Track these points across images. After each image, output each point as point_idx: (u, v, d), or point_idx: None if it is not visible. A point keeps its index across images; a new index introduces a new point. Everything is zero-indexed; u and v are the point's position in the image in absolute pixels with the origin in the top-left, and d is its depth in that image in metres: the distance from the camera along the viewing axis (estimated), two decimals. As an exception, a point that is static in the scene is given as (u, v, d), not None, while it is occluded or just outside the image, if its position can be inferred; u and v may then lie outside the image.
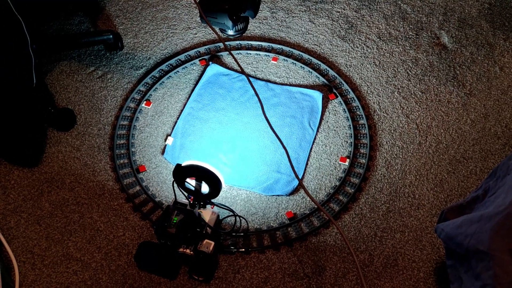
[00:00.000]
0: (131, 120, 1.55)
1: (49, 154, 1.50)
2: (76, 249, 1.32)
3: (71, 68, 1.70)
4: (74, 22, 1.82)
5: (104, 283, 1.26)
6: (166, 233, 1.19)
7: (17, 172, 1.46)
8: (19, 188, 1.43)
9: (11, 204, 1.40)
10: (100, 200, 1.40)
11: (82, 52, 1.73)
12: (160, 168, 1.46)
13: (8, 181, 1.44)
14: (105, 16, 1.84)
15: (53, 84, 1.64)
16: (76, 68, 1.69)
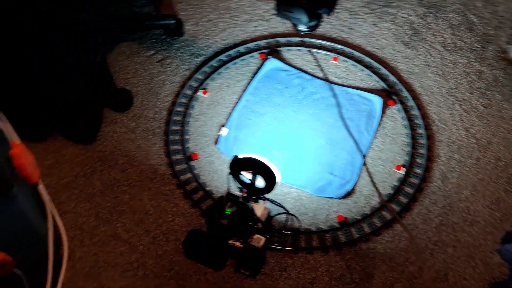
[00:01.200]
0: (187, 107, 1.55)
1: (104, 133, 1.51)
2: (124, 230, 1.33)
3: (131, 49, 1.70)
4: (137, 4, 1.82)
5: (150, 267, 1.26)
6: (218, 224, 1.19)
7: (71, 148, 1.47)
8: (73, 164, 1.44)
9: (63, 179, 1.42)
10: (151, 184, 1.40)
11: (143, 35, 1.74)
12: (212, 158, 1.46)
13: (62, 156, 1.46)
14: (168, 1, 1.84)
15: (112, 64, 1.65)
16: (137, 50, 1.70)
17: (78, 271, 1.26)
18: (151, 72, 1.65)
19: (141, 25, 1.67)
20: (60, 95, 1.42)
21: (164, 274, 1.25)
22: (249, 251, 1.19)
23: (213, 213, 1.19)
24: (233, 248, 1.20)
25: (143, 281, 1.24)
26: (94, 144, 1.48)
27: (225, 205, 1.21)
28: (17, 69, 1.26)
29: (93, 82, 1.49)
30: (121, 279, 1.25)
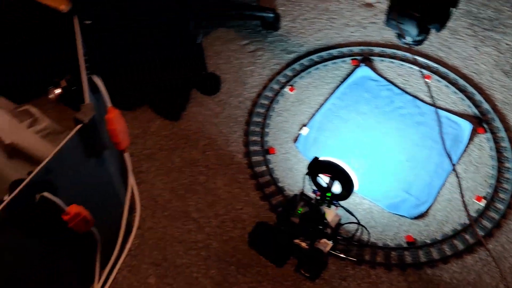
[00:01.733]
0: (272, 101, 1.57)
1: (190, 113, 1.55)
2: (195, 210, 1.36)
3: (227, 36, 1.74)
4: (237, -7, 1.86)
5: (214, 250, 1.29)
6: (289, 221, 1.20)
7: (159, 121, 1.53)
8: (158, 137, 1.50)
9: (147, 149, 1.47)
10: (227, 170, 1.43)
11: (241, 24, 1.77)
12: (289, 155, 1.47)
13: (149, 128, 1.52)
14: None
15: (207, 48, 1.69)
16: (232, 38, 1.74)
17: (146, 240, 1.31)
18: (242, 61, 1.68)
19: (240, 13, 1.70)
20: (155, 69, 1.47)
21: (227, 259, 1.28)
22: (314, 254, 1.19)
23: (286, 210, 1.20)
24: (298, 248, 1.21)
25: (205, 262, 1.27)
26: (180, 122, 1.53)
27: (298, 204, 1.21)
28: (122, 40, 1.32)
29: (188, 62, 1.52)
30: (185, 255, 1.28)
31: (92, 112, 0.95)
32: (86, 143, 0.98)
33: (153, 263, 1.28)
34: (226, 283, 1.25)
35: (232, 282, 1.25)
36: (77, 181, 1.00)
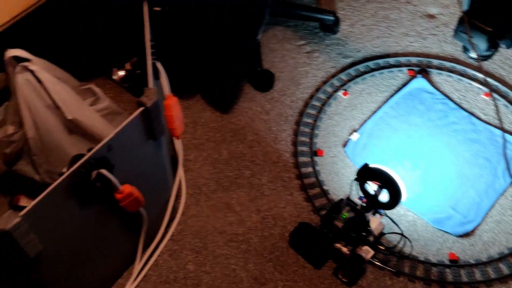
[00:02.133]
0: (324, 104, 1.56)
1: (240, 107, 1.57)
2: (238, 203, 1.38)
3: (284, 35, 1.75)
4: (299, -7, 1.87)
5: (253, 244, 1.30)
6: (332, 224, 1.19)
7: (209, 113, 1.55)
8: (207, 128, 1.52)
9: (196, 139, 1.50)
10: (273, 167, 1.44)
11: (299, 24, 1.77)
12: (336, 159, 1.46)
13: (199, 118, 1.54)
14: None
15: (263, 45, 1.71)
16: (289, 37, 1.74)
17: (188, 227, 1.33)
18: (297, 61, 1.68)
19: (300, 13, 1.70)
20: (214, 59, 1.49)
21: (265, 255, 1.29)
22: (354, 260, 1.19)
23: (330, 213, 1.20)
24: (339, 252, 1.21)
25: (244, 255, 1.28)
26: (230, 115, 1.55)
27: (343, 209, 1.21)
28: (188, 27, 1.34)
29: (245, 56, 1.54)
30: (224, 246, 1.30)
31: (155, 97, 0.97)
32: (146, 126, 1.00)
33: (193, 250, 1.30)
34: (263, 279, 1.25)
35: (268, 278, 1.26)
36: (133, 162, 1.03)
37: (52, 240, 0.92)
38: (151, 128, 1.02)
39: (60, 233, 0.94)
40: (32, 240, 0.87)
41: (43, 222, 0.88)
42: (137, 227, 1.17)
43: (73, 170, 0.89)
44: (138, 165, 1.06)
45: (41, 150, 1.15)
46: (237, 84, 1.60)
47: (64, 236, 0.96)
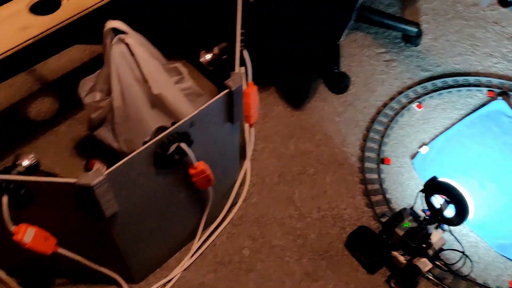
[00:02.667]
0: (397, 114, 1.56)
1: (312, 106, 1.59)
2: (300, 198, 1.39)
3: (364, 41, 1.75)
4: (384, 2, 1.86)
5: (310, 240, 1.32)
6: (392, 231, 1.19)
7: (281, 107, 1.58)
8: (277, 121, 1.55)
9: (264, 131, 1.53)
10: (337, 168, 1.45)
11: (380, 32, 1.77)
12: (403, 170, 1.45)
13: (270, 111, 1.57)
14: (415, 9, 1.85)
15: (342, 48, 1.72)
16: (369, 43, 1.75)
17: (248, 214, 1.36)
18: (374, 68, 1.68)
19: (384, 21, 1.70)
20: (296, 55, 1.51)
21: (320, 252, 1.30)
22: (410, 270, 1.18)
23: (393, 220, 1.20)
24: (395, 260, 1.20)
25: (299, 249, 1.30)
26: (301, 112, 1.57)
27: (406, 218, 1.20)
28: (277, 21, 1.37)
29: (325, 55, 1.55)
30: (281, 237, 1.32)
31: (240, 81, 1.00)
32: (227, 108, 1.04)
33: (251, 236, 1.33)
34: (315, 275, 1.27)
35: (320, 275, 1.27)
36: (209, 142, 1.07)
37: (126, 203, 0.97)
38: (231, 111, 1.05)
39: (134, 198, 0.99)
40: (110, 199, 0.92)
41: (122, 184, 0.93)
42: (201, 205, 1.22)
43: (157, 140, 0.94)
44: (213, 145, 1.10)
45: (124, 119, 1.21)
46: (313, 82, 1.62)
47: (137, 201, 1.01)
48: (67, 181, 0.87)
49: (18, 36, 1.03)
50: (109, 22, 1.10)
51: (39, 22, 1.05)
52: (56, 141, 1.47)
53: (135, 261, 1.15)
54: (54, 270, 1.23)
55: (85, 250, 1.08)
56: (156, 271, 1.26)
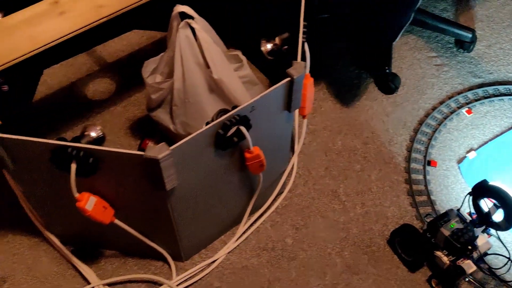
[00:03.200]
0: (445, 118, 1.56)
1: (362, 104, 1.60)
2: (344, 193, 1.42)
3: (416, 44, 1.76)
4: (438, 7, 1.86)
5: (352, 234, 1.34)
6: (438, 231, 1.20)
7: (330, 103, 1.61)
8: (325, 117, 1.57)
9: (313, 125, 1.55)
10: (383, 167, 1.47)
11: (432, 36, 1.78)
12: (448, 173, 1.46)
13: (319, 106, 1.60)
14: (469, 15, 1.84)
15: (394, 49, 1.73)
16: (420, 47, 1.75)
17: (293, 204, 1.39)
18: (425, 72, 1.69)
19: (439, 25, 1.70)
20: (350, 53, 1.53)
21: (362, 247, 1.32)
22: (453, 271, 1.18)
23: (438, 220, 1.21)
24: (438, 260, 1.21)
25: (341, 242, 1.32)
26: (350, 109, 1.59)
27: (452, 219, 1.21)
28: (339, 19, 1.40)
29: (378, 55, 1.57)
30: (324, 229, 1.35)
31: (302, 71, 1.03)
32: (286, 97, 1.07)
33: (294, 226, 1.35)
34: (356, 268, 1.29)
35: (361, 269, 1.29)
36: (266, 128, 1.10)
37: (184, 179, 1.01)
38: (290, 99, 1.08)
39: (191, 175, 1.03)
40: (172, 174, 0.96)
41: (183, 161, 0.98)
42: (249, 191, 1.25)
43: (220, 121, 0.97)
44: (268, 132, 1.13)
45: (182, 102, 1.25)
46: (363, 81, 1.64)
47: (194, 179, 1.05)
48: (136, 153, 0.91)
49: (92, 14, 1.08)
50: (178, 7, 1.15)
51: (113, 2, 1.10)
52: (111, 120, 1.53)
53: (185, 238, 1.19)
54: (104, 242, 1.28)
55: (138, 224, 1.13)
56: (202, 251, 1.31)
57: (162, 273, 1.27)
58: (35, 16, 1.07)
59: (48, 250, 1.30)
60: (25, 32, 1.04)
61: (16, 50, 1.01)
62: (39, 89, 1.61)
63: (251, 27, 1.47)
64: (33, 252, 1.29)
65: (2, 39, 1.03)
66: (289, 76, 1.03)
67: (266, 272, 1.28)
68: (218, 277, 1.27)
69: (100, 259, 1.28)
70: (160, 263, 1.28)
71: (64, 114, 1.54)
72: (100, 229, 1.21)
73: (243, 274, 1.27)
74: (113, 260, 1.29)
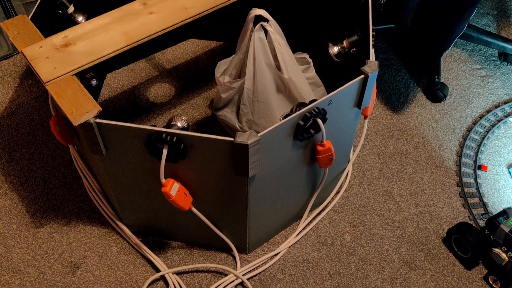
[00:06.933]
0: (493, 125, 1.62)
1: (411, 111, 1.67)
2: (399, 194, 1.47)
3: (460, 56, 1.83)
4: (480, 22, 1.94)
5: (408, 232, 1.39)
6: (497, 228, 1.25)
7: (380, 109, 1.67)
8: (377, 122, 1.64)
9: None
10: (435, 170, 1.52)
11: (476, 48, 1.85)
12: (499, 177, 1.51)
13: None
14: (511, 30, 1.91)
15: (440, 61, 1.80)
16: (465, 59, 1.82)
17: (349, 202, 1.45)
18: (470, 83, 1.76)
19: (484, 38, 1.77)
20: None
21: (418, 245, 1.36)
22: None
23: (496, 217, 1.26)
24: (496, 257, 1.26)
25: (397, 240, 1.37)
26: (400, 116, 1.65)
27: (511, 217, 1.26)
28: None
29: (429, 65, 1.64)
30: (380, 227, 1.40)
31: (376, 69, 1.11)
32: (358, 94, 1.14)
33: (351, 223, 1.41)
34: (413, 264, 1.33)
35: (418, 265, 1.33)
36: (336, 123, 1.17)
37: (264, 168, 1.08)
38: (361, 96, 1.15)
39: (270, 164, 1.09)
40: (256, 160, 1.03)
41: (266, 149, 1.04)
42: (312, 187, 1.31)
43: (302, 112, 1.04)
44: (338, 127, 1.20)
45: (251, 101, 1.33)
46: (411, 90, 1.71)
47: (271, 168, 1.11)
48: (227, 139, 0.98)
49: (179, 14, 1.17)
50: (254, 10, 1.23)
51: (198, 4, 1.18)
52: (172, 121, 1.60)
53: (253, 230, 1.25)
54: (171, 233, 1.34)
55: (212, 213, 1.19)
56: (264, 245, 1.36)
57: (227, 264, 1.32)
58: (126, 15, 1.15)
59: (118, 240, 1.36)
60: (117, 29, 1.12)
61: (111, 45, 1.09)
62: (102, 92, 1.69)
63: (316, 30, 1.55)
64: (103, 241, 1.36)
65: (97, 35, 1.11)
66: (363, 73, 1.10)
67: (326, 265, 1.33)
68: (280, 269, 1.32)
69: (167, 250, 1.34)
70: (224, 254, 1.34)
71: (128, 115, 1.62)
72: (169, 220, 1.28)
73: (305, 267, 1.32)
74: (179, 251, 1.34)
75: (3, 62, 1.78)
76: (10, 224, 1.38)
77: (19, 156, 1.52)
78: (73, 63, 1.07)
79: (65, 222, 1.38)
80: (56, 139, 1.16)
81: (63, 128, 1.13)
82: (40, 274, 1.29)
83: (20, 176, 1.47)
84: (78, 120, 0.98)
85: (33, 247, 1.34)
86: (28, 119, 1.61)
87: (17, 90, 1.69)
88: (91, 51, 1.10)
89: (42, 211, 1.40)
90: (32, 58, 1.07)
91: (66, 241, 1.35)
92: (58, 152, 1.53)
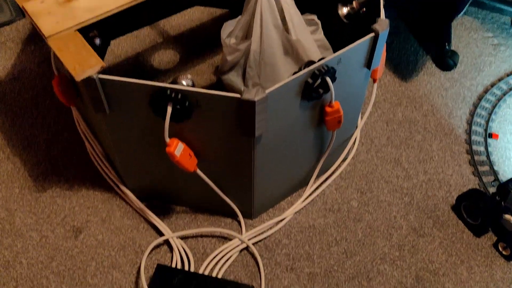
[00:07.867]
0: (504, 94, 1.59)
1: (420, 78, 1.64)
2: (407, 161, 1.44)
3: (471, 25, 1.79)
4: None
5: (416, 199, 1.37)
6: (508, 194, 1.22)
7: (389, 77, 1.64)
8: (385, 89, 1.61)
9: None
10: (444, 138, 1.50)
11: (488, 17, 1.80)
12: (510, 146, 1.48)
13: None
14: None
15: (453, 27, 1.76)
16: (476, 27, 1.78)
17: (356, 169, 1.42)
18: (481, 51, 1.71)
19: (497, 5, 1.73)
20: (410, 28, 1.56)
21: (426, 212, 1.34)
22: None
23: (509, 182, 1.23)
24: (507, 223, 1.23)
25: (405, 206, 1.35)
26: (409, 84, 1.62)
27: (521, 185, 1.23)
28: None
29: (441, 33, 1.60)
30: (388, 194, 1.37)
31: (386, 27, 1.07)
32: (368, 53, 1.11)
33: (359, 190, 1.38)
34: (421, 231, 1.31)
35: (426, 232, 1.31)
36: (345, 83, 1.14)
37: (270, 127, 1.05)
38: (371, 56, 1.12)
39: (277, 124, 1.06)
40: (263, 119, 1.00)
41: (273, 107, 1.01)
42: (320, 151, 1.29)
43: (310, 70, 1.01)
44: (347, 89, 1.16)
45: (257, 63, 1.29)
46: (420, 58, 1.67)
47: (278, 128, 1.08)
48: (233, 95, 0.96)
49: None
50: (262, -31, 1.19)
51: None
52: (177, 88, 1.58)
53: (258, 195, 1.23)
54: (175, 198, 1.32)
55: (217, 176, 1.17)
56: (269, 211, 1.34)
57: (232, 229, 1.30)
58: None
59: (121, 204, 1.35)
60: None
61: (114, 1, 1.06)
62: (106, 58, 1.66)
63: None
64: (106, 205, 1.34)
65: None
66: (374, 31, 1.07)
67: (333, 231, 1.31)
68: (286, 235, 1.30)
69: (171, 214, 1.32)
70: (229, 219, 1.32)
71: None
72: (174, 183, 1.26)
73: (311, 232, 1.30)
74: (183, 215, 1.33)
75: (6, 28, 1.75)
76: (12, 188, 1.36)
77: (22, 121, 1.50)
78: (75, 18, 1.04)
79: (68, 187, 1.37)
80: (59, 101, 1.13)
81: (66, 87, 1.11)
82: (43, 238, 1.28)
83: (23, 140, 1.45)
84: (80, 76, 0.95)
85: (36, 211, 1.32)
86: (31, 84, 1.59)
87: (20, 56, 1.66)
88: (94, 7, 1.06)
89: (45, 175, 1.39)
90: (34, 12, 1.04)
91: (68, 205, 1.33)
92: (61, 116, 1.51)
